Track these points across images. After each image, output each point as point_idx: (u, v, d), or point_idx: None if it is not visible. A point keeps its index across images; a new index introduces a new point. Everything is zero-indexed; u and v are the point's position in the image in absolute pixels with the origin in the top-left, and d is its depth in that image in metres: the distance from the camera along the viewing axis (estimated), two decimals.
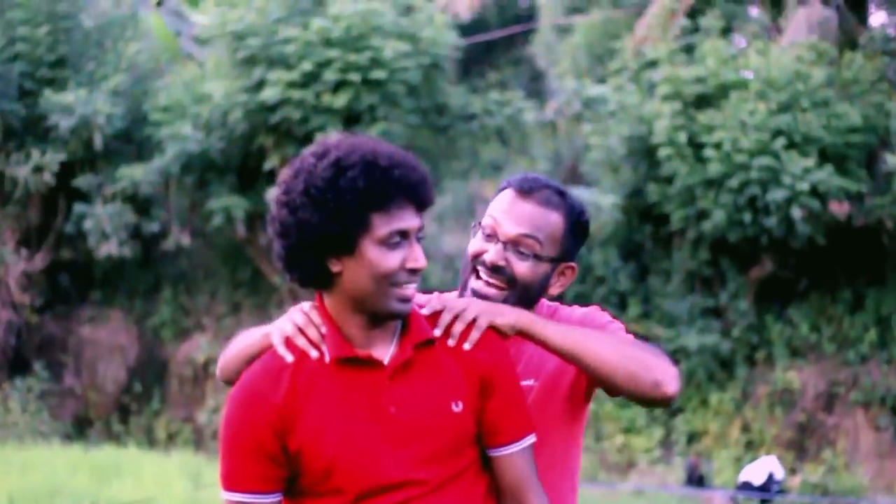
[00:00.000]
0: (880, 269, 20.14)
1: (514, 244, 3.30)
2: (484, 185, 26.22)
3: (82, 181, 20.58)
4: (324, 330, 2.98)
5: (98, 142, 20.02)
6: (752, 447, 19.49)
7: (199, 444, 20.32)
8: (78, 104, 19.78)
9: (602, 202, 20.21)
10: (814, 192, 19.02)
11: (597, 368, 3.14)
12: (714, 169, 19.14)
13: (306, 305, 3.04)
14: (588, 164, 21.94)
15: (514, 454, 3.04)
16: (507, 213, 3.34)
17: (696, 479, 18.31)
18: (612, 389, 3.19)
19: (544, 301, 3.45)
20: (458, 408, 2.97)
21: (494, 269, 3.29)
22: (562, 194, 3.38)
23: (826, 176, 18.87)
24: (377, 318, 2.96)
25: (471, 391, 3.00)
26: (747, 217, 19.12)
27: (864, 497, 18.36)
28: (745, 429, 19.64)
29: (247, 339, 3.19)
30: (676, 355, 19.97)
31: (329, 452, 2.91)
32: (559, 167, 25.41)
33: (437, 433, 2.95)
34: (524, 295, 3.30)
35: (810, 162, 18.88)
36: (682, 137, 19.57)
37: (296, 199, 2.85)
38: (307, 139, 19.39)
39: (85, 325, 21.62)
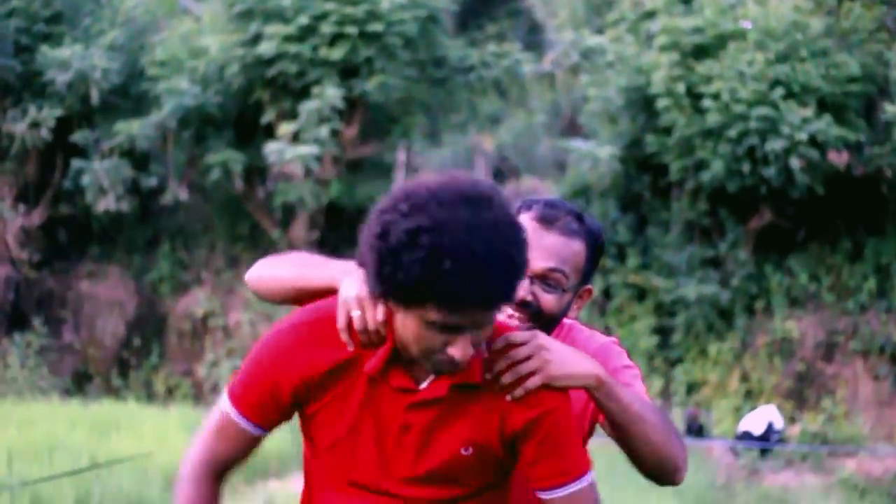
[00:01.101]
0: (879, 218, 20.12)
1: (540, 278, 3.20)
2: (482, 137, 26.16)
3: (79, 136, 20.54)
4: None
5: (95, 97, 19.97)
6: (751, 397, 19.52)
7: (198, 398, 20.35)
8: (74, 59, 19.71)
9: (600, 153, 20.15)
10: (812, 141, 18.98)
11: (636, 447, 3.04)
12: (712, 119, 19.09)
13: (380, 311, 2.82)
14: (586, 116, 21.86)
15: (558, 499, 2.91)
16: (531, 246, 3.08)
17: (696, 430, 18.34)
18: (632, 461, 3.09)
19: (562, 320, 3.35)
20: (467, 451, 2.88)
21: (522, 304, 3.18)
22: (580, 219, 3.28)
23: (825, 125, 18.82)
24: None
25: (495, 437, 2.89)
26: (746, 167, 19.08)
27: (864, 445, 18.41)
28: (745, 378, 19.67)
29: (308, 271, 3.07)
30: (675, 306, 19.99)
31: (331, 438, 2.90)
32: (557, 119, 25.35)
33: (438, 467, 2.92)
34: (548, 325, 3.20)
35: (809, 112, 18.83)
36: (681, 88, 19.52)
37: (366, 239, 2.68)
38: (304, 92, 19.33)
39: (83, 280, 21.61)
